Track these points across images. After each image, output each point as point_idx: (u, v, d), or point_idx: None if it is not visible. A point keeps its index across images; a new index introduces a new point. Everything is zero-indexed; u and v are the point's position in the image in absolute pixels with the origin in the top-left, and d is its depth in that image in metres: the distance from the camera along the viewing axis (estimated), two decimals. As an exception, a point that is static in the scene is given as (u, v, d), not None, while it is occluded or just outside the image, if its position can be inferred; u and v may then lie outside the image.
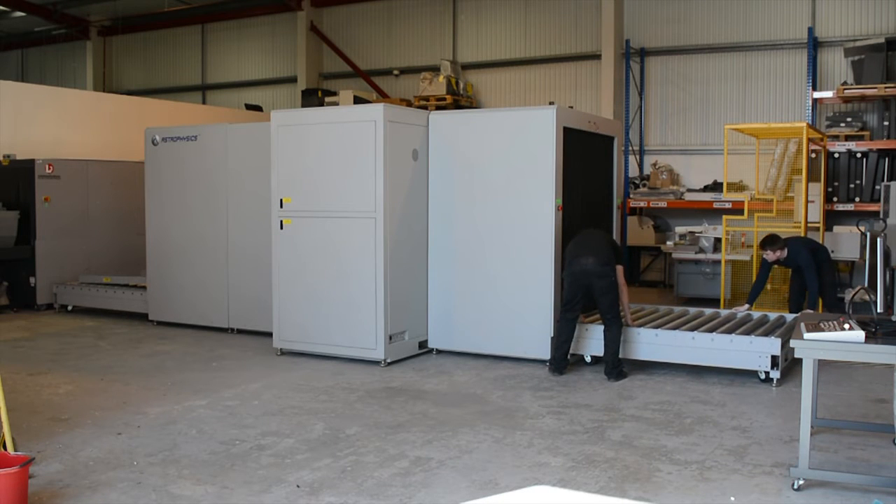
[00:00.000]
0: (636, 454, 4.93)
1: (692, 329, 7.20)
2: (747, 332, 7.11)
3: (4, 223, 10.58)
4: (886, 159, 11.04)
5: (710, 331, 7.12)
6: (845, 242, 10.47)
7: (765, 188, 10.19)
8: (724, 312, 8.24)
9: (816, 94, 12.11)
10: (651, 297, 11.81)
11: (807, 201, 9.41)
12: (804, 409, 4.27)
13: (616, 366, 6.91)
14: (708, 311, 8.35)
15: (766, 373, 6.70)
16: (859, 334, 4.08)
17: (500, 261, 7.56)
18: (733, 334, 6.94)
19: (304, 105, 15.71)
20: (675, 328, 7.28)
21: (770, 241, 7.98)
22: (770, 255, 7.95)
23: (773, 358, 6.63)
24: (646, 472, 4.63)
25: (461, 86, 15.08)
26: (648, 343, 7.09)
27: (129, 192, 11.42)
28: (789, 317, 8.03)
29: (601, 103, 13.88)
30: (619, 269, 7.08)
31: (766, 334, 7.06)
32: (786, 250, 7.91)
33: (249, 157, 8.92)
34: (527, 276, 7.42)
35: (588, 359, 7.38)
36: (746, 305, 8.13)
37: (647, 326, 7.30)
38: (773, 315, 8.11)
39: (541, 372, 7.15)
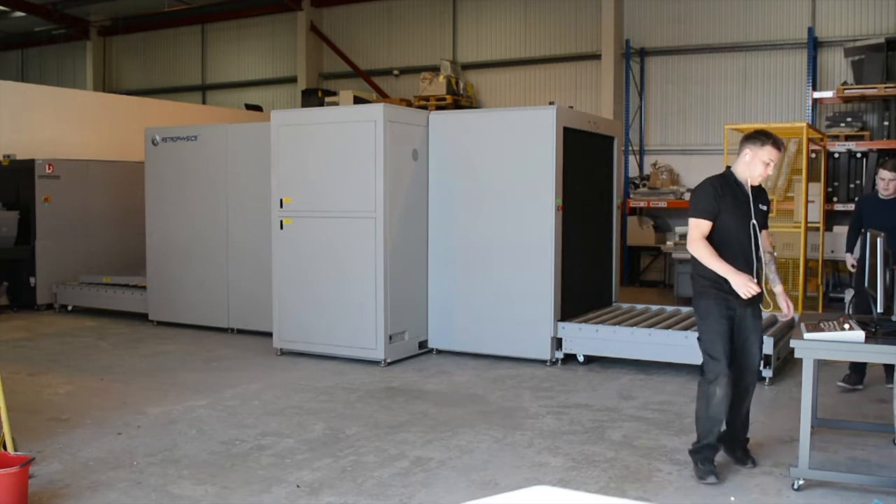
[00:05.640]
0: (636, 454, 4.93)
1: (685, 329, 7.19)
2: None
3: (4, 223, 10.57)
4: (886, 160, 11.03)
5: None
6: (845, 243, 10.41)
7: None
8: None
9: (816, 94, 12.12)
10: (651, 298, 11.79)
11: (807, 201, 9.41)
12: (804, 409, 4.27)
13: None
14: None
15: (759, 371, 6.68)
16: (859, 334, 4.09)
17: (501, 260, 7.55)
18: None
19: (304, 105, 15.70)
20: (668, 328, 7.28)
21: (893, 160, 6.37)
22: (886, 180, 6.36)
23: (766, 357, 6.63)
24: (646, 472, 4.63)
25: (461, 86, 15.08)
26: (641, 342, 7.09)
27: (129, 192, 11.41)
28: (781, 316, 8.02)
29: (601, 103, 13.88)
30: None
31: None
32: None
33: (249, 157, 8.92)
34: (527, 275, 7.42)
35: (581, 358, 7.39)
36: (850, 256, 6.98)
37: (641, 326, 7.30)
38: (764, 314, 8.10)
39: (541, 372, 7.15)
